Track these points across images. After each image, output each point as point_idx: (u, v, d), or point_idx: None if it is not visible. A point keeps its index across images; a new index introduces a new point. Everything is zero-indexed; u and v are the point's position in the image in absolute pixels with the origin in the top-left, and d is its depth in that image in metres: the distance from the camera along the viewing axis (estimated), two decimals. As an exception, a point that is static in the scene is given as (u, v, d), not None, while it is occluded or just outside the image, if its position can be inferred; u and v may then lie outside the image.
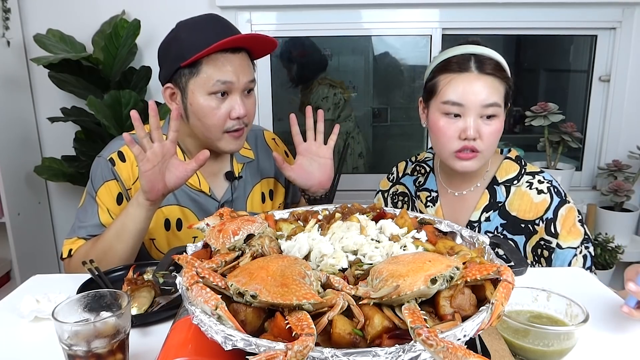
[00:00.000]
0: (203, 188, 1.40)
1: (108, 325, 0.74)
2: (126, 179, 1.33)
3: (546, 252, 1.28)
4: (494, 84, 1.23)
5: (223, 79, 1.24)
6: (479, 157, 1.26)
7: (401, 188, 1.53)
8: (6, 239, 2.35)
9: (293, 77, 2.99)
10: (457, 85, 1.23)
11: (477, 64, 1.23)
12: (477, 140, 1.24)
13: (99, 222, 1.31)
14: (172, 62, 1.25)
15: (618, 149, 2.54)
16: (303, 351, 0.54)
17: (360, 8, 2.47)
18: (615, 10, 2.42)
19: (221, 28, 1.27)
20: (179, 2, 2.36)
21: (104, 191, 1.32)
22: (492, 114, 1.23)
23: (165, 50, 1.29)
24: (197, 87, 1.25)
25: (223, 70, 1.24)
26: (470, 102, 1.22)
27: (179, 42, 1.25)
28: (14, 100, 2.41)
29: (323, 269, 0.74)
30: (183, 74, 1.25)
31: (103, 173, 1.33)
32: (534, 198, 1.30)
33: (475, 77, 1.22)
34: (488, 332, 0.80)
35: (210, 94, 1.25)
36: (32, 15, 2.44)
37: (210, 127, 1.28)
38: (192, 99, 1.26)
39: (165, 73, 1.29)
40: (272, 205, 1.52)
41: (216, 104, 1.26)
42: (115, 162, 1.33)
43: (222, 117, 1.27)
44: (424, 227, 0.89)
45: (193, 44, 1.22)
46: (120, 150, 1.35)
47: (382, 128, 3.25)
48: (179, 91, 1.28)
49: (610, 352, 0.89)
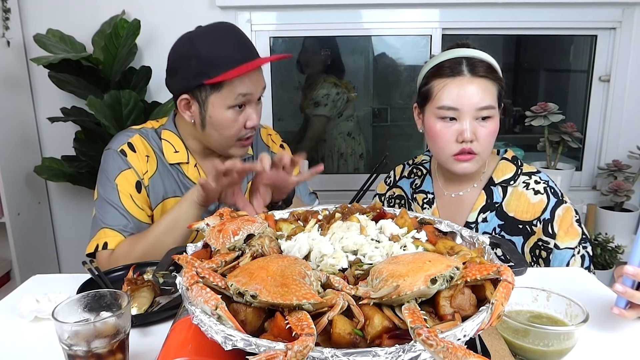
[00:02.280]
0: None
1: (108, 325, 0.74)
2: (138, 170, 1.35)
3: (544, 252, 1.28)
4: (487, 86, 1.24)
5: (244, 92, 1.27)
6: (477, 158, 1.28)
7: (398, 191, 1.53)
8: (6, 239, 2.35)
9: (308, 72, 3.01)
10: (450, 89, 1.24)
11: (469, 67, 1.25)
12: (474, 142, 1.25)
13: (123, 207, 1.31)
14: (194, 77, 1.25)
15: (618, 149, 2.54)
16: (303, 351, 0.54)
17: (360, 8, 2.47)
18: (615, 10, 2.42)
19: (240, 42, 1.29)
20: (179, 2, 2.36)
21: (123, 179, 1.33)
22: (487, 115, 1.25)
23: (183, 63, 1.27)
24: (218, 100, 1.27)
25: (244, 84, 1.27)
26: (465, 105, 1.23)
27: (201, 58, 1.24)
28: (14, 100, 2.41)
29: (323, 269, 0.74)
30: (204, 89, 1.26)
31: (117, 163, 1.34)
32: (531, 198, 1.31)
33: (468, 81, 1.24)
34: (488, 332, 0.80)
35: (230, 107, 1.27)
36: (32, 15, 2.44)
37: (227, 137, 1.32)
38: (212, 111, 1.28)
39: (182, 85, 1.29)
40: None
41: (234, 116, 1.29)
42: (127, 152, 1.35)
43: (239, 127, 1.31)
44: (424, 227, 0.89)
45: (217, 62, 1.23)
46: (129, 141, 1.37)
47: (382, 128, 3.25)
48: (197, 103, 1.29)
49: (610, 352, 0.89)
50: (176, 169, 1.39)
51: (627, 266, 0.90)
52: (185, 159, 1.40)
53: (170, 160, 1.38)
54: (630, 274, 0.90)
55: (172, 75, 1.32)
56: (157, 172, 1.37)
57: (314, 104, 2.93)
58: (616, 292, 0.91)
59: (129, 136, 1.38)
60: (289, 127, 3.08)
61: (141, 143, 1.38)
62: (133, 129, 1.42)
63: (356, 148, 3.02)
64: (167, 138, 1.40)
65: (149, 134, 1.40)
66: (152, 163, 1.37)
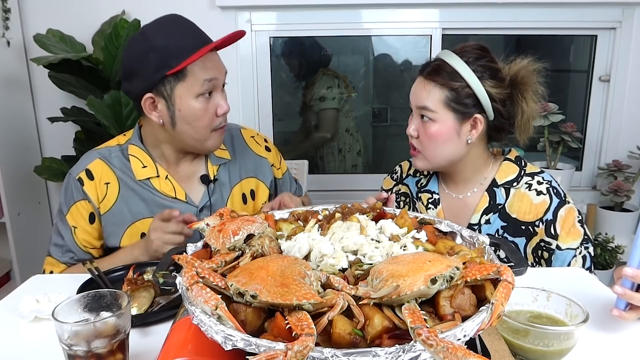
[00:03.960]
0: (179, 195, 1.36)
1: (108, 325, 0.74)
2: (94, 198, 1.33)
3: (546, 253, 1.28)
4: (429, 89, 1.27)
5: (209, 77, 1.25)
6: (420, 156, 1.34)
7: (403, 188, 1.53)
8: (6, 239, 2.35)
9: (298, 73, 3.00)
10: (413, 86, 1.33)
11: (425, 67, 1.30)
12: (417, 139, 1.32)
13: (73, 241, 1.34)
14: (155, 71, 1.22)
15: (618, 149, 2.54)
16: (303, 351, 0.54)
17: (360, 8, 2.47)
18: (615, 10, 2.42)
19: (192, 29, 1.27)
20: (179, 2, 2.36)
21: (75, 212, 1.33)
22: (428, 116, 1.28)
23: (141, 60, 1.23)
24: (184, 91, 1.24)
25: (207, 68, 1.25)
26: (412, 101, 1.32)
27: (159, 50, 1.21)
28: (14, 100, 2.41)
29: (323, 269, 0.74)
30: (167, 81, 1.23)
31: (72, 193, 1.33)
32: (534, 199, 1.30)
33: (420, 80, 1.31)
34: (488, 332, 0.80)
35: (198, 96, 1.25)
36: (32, 15, 2.44)
37: (200, 129, 1.29)
38: (180, 104, 1.25)
39: (144, 84, 1.24)
40: (254, 205, 1.49)
41: (204, 105, 1.26)
42: (84, 181, 1.32)
43: (211, 116, 1.29)
44: (424, 227, 0.89)
45: (176, 51, 1.21)
46: (87, 168, 1.33)
47: (382, 128, 3.25)
48: (163, 99, 1.25)
49: (610, 352, 0.89)
50: (146, 186, 1.35)
51: (626, 268, 0.90)
52: (155, 173, 1.35)
53: (139, 176, 1.34)
54: (630, 275, 0.90)
55: (131, 77, 1.27)
56: (120, 198, 1.34)
57: (319, 98, 2.91)
58: (616, 293, 0.91)
59: (88, 161, 1.35)
60: (289, 127, 3.08)
61: (101, 169, 1.34)
62: (95, 150, 1.38)
63: (354, 145, 3.01)
64: (134, 153, 1.36)
65: (112, 153, 1.37)
66: (113, 189, 1.34)
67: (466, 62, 1.25)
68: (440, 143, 1.29)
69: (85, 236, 1.34)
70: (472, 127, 1.28)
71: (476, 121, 1.27)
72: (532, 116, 1.31)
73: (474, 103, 1.26)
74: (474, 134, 1.28)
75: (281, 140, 2.88)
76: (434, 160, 1.33)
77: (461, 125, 1.27)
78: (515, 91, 1.29)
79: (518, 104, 1.29)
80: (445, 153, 1.30)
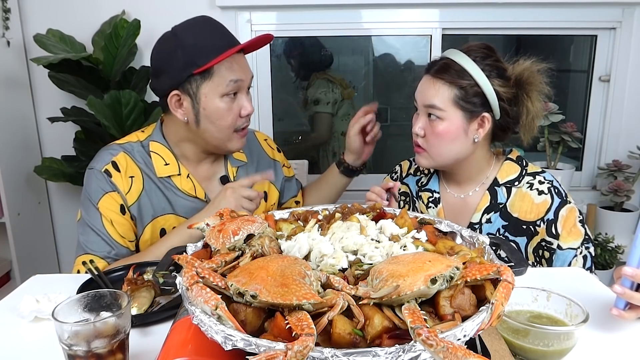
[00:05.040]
0: (198, 194, 1.39)
1: (108, 325, 0.74)
2: (123, 191, 1.32)
3: (547, 253, 1.28)
4: (438, 87, 1.26)
5: (235, 78, 1.27)
6: (425, 154, 1.34)
7: (403, 188, 1.53)
8: (6, 239, 2.35)
9: (298, 73, 2.99)
10: (419, 84, 1.33)
11: (432, 65, 1.30)
12: (423, 137, 1.32)
13: (107, 234, 1.30)
14: (182, 69, 1.24)
15: (618, 149, 2.54)
16: (303, 351, 0.54)
17: (360, 8, 2.47)
18: (615, 10, 2.42)
19: (219, 29, 1.30)
20: (179, 2, 2.36)
21: (106, 203, 1.30)
22: (436, 115, 1.27)
23: (170, 58, 1.26)
24: (210, 90, 1.26)
25: (234, 70, 1.27)
26: (418, 100, 1.32)
27: (187, 49, 1.24)
28: (14, 100, 2.41)
29: (323, 269, 0.74)
30: (194, 80, 1.25)
31: (100, 185, 1.31)
32: (535, 199, 1.30)
33: (426, 78, 1.30)
34: (488, 332, 0.80)
35: (223, 96, 1.27)
36: (32, 15, 2.43)
37: (224, 129, 1.30)
38: (205, 103, 1.27)
39: (171, 81, 1.27)
40: (265, 206, 1.52)
41: (229, 105, 1.28)
42: (112, 173, 1.31)
43: (235, 117, 1.30)
44: (424, 227, 0.89)
45: (204, 51, 1.23)
46: (113, 160, 1.33)
47: (382, 128, 3.23)
48: (189, 97, 1.27)
49: (610, 352, 0.89)
50: (167, 183, 1.36)
51: (626, 267, 0.90)
52: (177, 171, 1.36)
53: (160, 173, 1.35)
54: (629, 275, 0.90)
55: (158, 74, 1.30)
56: (144, 191, 1.34)
57: (313, 102, 2.91)
58: (616, 293, 0.91)
59: (112, 154, 1.34)
60: (289, 127, 3.08)
61: (125, 162, 1.34)
62: (117, 144, 1.38)
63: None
64: (156, 150, 1.37)
65: (134, 148, 1.37)
66: (138, 183, 1.34)
67: (474, 61, 1.25)
68: (448, 141, 1.28)
69: (122, 228, 1.31)
70: (480, 126, 1.28)
71: (483, 120, 1.27)
72: (537, 115, 1.31)
73: (481, 102, 1.26)
74: (480, 133, 1.28)
75: (281, 140, 2.88)
76: (439, 159, 1.33)
77: (469, 124, 1.27)
78: (521, 91, 1.29)
79: (523, 103, 1.29)
80: (452, 151, 1.30)
